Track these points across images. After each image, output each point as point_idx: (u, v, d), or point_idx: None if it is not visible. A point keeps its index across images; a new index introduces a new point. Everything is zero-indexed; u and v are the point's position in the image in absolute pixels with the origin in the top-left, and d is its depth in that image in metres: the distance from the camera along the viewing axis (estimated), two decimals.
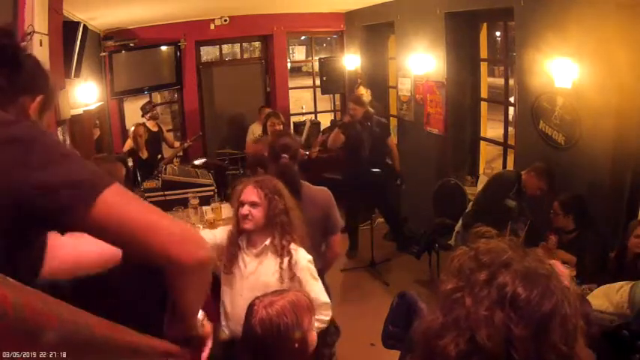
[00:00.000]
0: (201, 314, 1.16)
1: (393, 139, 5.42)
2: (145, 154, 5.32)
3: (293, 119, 7.38)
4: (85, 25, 3.96)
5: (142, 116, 5.68)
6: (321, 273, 2.42)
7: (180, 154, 5.90)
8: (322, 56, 7.79)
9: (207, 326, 1.18)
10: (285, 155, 2.70)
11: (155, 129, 5.69)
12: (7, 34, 1.02)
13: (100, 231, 0.86)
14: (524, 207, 3.69)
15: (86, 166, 0.86)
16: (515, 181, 3.68)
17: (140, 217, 0.88)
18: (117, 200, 0.86)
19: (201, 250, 0.93)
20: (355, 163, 5.04)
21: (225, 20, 6.59)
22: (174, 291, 1.00)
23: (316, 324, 1.79)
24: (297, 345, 1.53)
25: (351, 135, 4.98)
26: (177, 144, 6.01)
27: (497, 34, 8.24)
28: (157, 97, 7.46)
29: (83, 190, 0.83)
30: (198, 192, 4.21)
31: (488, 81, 5.15)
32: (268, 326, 1.52)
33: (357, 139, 4.97)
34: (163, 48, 6.46)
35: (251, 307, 1.59)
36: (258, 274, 2.19)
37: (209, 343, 1.20)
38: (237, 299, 2.19)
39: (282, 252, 2.16)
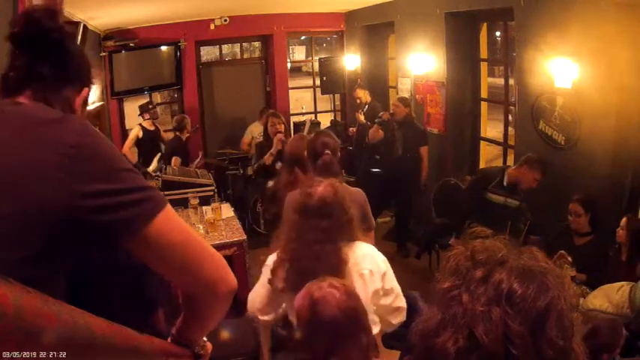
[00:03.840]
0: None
1: (425, 150, 5.09)
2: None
3: (293, 119, 7.37)
4: (85, 25, 3.95)
5: (139, 115, 5.65)
6: None
7: None
8: (322, 56, 7.79)
9: (209, 346, 1.19)
10: (327, 152, 2.72)
11: (152, 128, 5.67)
12: (51, 16, 0.89)
13: (150, 249, 0.83)
14: (524, 207, 3.68)
15: (144, 181, 0.84)
16: (498, 175, 3.69)
17: (196, 242, 0.88)
18: (174, 221, 0.85)
19: (234, 279, 0.94)
20: (385, 163, 5.14)
21: (225, 20, 6.59)
22: (200, 314, 0.99)
23: None
24: (363, 336, 1.50)
25: (385, 134, 5.04)
26: None
27: (497, 34, 8.25)
28: (157, 97, 7.46)
29: (144, 205, 0.80)
30: (198, 192, 4.21)
31: (489, 81, 5.16)
32: (345, 309, 1.47)
33: (389, 138, 5.03)
34: (163, 48, 6.46)
35: (311, 294, 1.50)
36: None
37: None
38: None
39: None
